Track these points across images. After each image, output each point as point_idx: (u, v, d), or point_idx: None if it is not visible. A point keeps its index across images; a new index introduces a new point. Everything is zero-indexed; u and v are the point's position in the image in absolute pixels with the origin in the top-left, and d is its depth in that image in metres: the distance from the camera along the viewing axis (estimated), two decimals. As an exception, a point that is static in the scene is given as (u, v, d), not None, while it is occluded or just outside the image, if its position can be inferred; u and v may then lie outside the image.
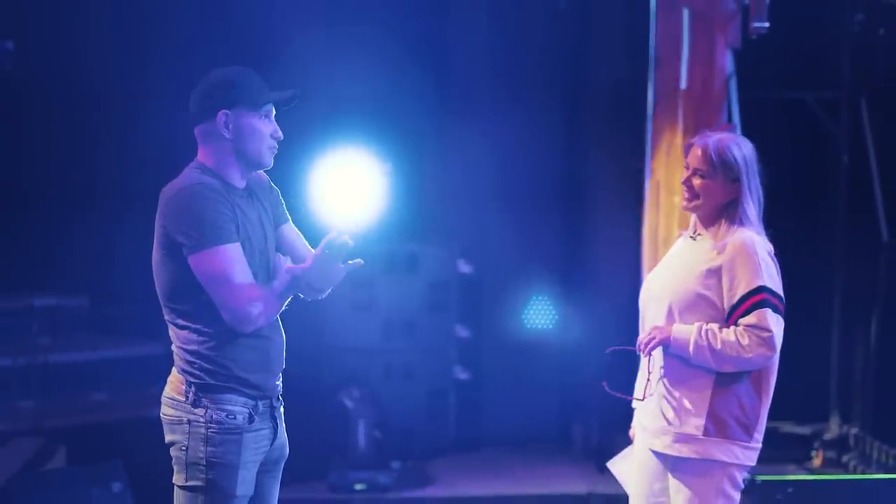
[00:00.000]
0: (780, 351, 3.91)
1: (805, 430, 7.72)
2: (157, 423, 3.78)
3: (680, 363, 3.91)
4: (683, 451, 3.91)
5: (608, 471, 4.36)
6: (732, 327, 3.86)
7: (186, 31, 7.66)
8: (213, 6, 7.71)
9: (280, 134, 3.72)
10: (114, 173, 7.63)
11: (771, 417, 4.07)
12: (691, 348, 3.86)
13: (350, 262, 3.61)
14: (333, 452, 7.27)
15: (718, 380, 3.89)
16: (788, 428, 7.66)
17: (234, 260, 3.53)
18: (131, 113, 7.48)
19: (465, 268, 8.10)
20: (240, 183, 3.69)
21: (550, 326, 8.32)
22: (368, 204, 7.60)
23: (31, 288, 7.76)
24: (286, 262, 3.72)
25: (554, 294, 8.34)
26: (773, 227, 4.09)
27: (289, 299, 3.68)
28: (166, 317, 3.66)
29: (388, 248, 7.79)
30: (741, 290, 3.85)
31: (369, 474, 7.13)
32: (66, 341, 7.64)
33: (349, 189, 7.56)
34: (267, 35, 7.55)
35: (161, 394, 3.72)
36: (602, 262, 8.01)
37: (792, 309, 4.00)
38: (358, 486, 7.09)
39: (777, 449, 7.16)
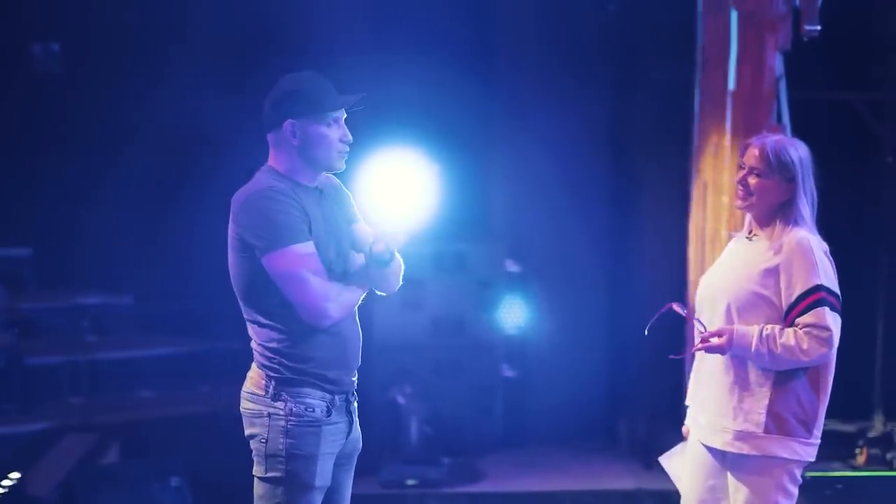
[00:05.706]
0: (827, 349, 3.92)
1: (849, 427, 7.64)
2: (204, 420, 3.83)
3: (739, 362, 3.94)
4: (744, 448, 3.93)
5: (654, 467, 4.38)
6: (792, 329, 3.87)
7: (235, 32, 7.74)
8: (258, 10, 7.79)
9: (349, 137, 3.79)
10: (159, 175, 7.69)
11: (818, 415, 4.08)
12: (752, 353, 3.88)
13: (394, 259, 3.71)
14: (385, 448, 7.31)
15: (777, 378, 3.91)
16: (833, 425, 7.47)
17: (305, 258, 3.62)
18: (177, 115, 7.53)
19: (512, 267, 8.10)
20: (311, 183, 3.78)
21: (595, 324, 8.31)
22: (417, 205, 7.65)
23: (78, 287, 7.87)
24: (359, 259, 3.82)
25: (599, 292, 8.34)
26: (819, 226, 4.10)
27: (363, 293, 3.76)
28: (245, 315, 3.74)
29: (437, 248, 7.83)
30: (799, 289, 3.87)
31: (420, 470, 7.17)
32: (113, 339, 7.74)
33: (398, 190, 7.62)
34: (313, 36, 7.61)
35: (204, 393, 3.80)
36: (648, 260, 7.99)
37: (838, 308, 4.00)
38: (410, 482, 7.12)
39: (821, 446, 7.18)
